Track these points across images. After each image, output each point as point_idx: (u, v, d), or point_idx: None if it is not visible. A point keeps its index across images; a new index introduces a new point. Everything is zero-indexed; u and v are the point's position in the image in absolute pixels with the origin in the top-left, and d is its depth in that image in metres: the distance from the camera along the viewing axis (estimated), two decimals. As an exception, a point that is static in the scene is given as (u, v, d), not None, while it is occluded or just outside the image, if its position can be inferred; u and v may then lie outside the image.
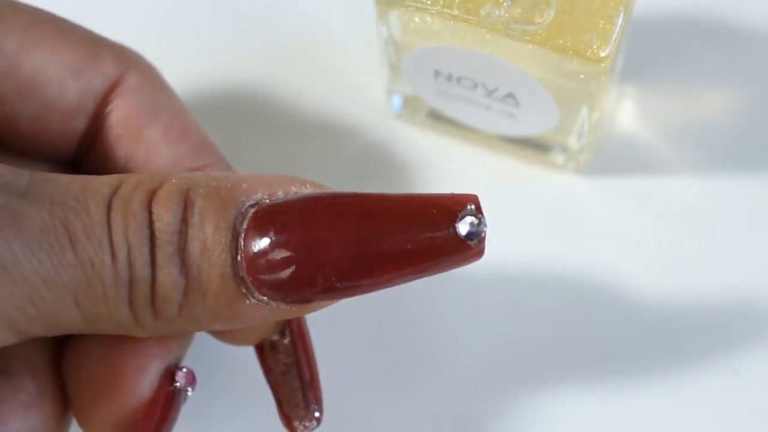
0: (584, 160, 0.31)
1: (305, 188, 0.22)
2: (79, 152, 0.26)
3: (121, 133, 0.25)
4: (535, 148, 0.31)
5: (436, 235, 0.21)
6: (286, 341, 0.25)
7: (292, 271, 0.21)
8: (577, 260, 0.31)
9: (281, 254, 0.21)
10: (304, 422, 0.25)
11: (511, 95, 0.28)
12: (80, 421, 0.23)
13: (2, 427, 0.22)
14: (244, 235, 0.21)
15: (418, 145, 0.32)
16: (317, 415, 0.25)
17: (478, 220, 0.21)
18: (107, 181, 0.22)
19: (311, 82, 0.33)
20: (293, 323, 0.25)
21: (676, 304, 0.30)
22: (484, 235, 0.21)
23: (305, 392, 0.25)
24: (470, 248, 0.21)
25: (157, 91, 0.26)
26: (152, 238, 0.21)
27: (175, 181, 0.21)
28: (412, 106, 0.32)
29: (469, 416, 0.29)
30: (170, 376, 0.23)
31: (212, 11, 0.34)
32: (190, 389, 0.24)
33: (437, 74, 0.29)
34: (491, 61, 0.27)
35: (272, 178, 0.22)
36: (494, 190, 0.32)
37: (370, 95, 0.33)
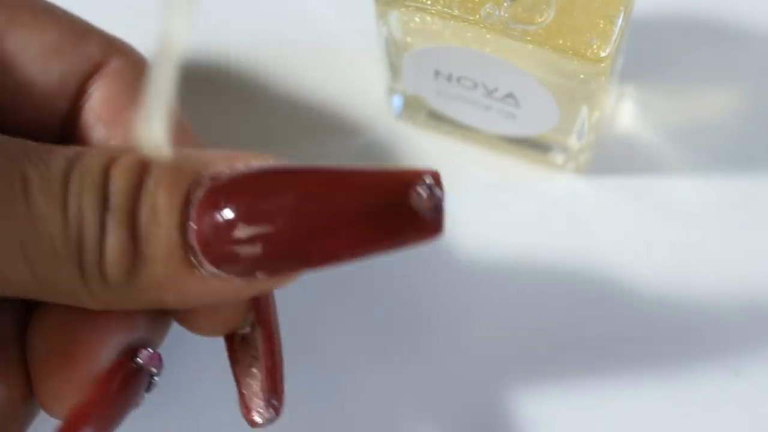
0: (584, 160, 0.31)
1: (266, 163, 0.21)
2: (63, 136, 0.26)
3: (101, 114, 0.25)
4: (535, 148, 0.31)
5: (388, 205, 0.20)
6: (257, 335, 0.25)
7: (242, 241, 0.20)
8: (577, 260, 0.31)
9: (233, 225, 0.20)
10: (262, 412, 0.24)
11: (511, 95, 0.28)
12: (37, 392, 0.23)
13: None
14: (198, 204, 0.21)
15: (418, 145, 0.32)
16: (275, 403, 0.24)
17: (434, 193, 0.20)
18: (75, 148, 0.22)
19: (311, 81, 0.33)
20: (260, 309, 0.25)
21: (675, 303, 0.30)
22: (441, 209, 0.20)
23: (266, 381, 0.24)
24: (425, 222, 0.20)
25: (140, 76, 0.25)
26: (104, 200, 0.21)
27: (138, 152, 0.21)
28: (412, 106, 0.32)
29: (469, 416, 0.29)
30: (132, 352, 0.23)
31: (212, 11, 0.34)
32: (155, 371, 0.23)
33: (437, 74, 0.29)
34: (491, 61, 0.27)
35: (235, 154, 0.21)
36: (494, 190, 0.32)
37: (370, 95, 0.33)
